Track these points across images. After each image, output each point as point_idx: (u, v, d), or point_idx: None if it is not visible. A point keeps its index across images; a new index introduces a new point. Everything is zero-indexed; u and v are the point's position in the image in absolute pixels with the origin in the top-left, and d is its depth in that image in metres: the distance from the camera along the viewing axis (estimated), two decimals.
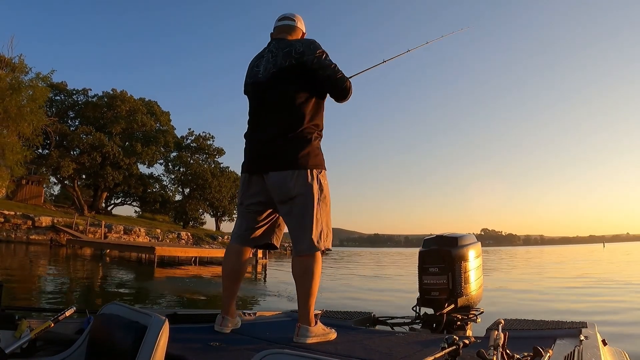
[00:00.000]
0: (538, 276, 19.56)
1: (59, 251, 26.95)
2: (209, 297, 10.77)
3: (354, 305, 7.83)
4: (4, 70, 31.73)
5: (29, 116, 29.60)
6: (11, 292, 9.73)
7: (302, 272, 2.77)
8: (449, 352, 1.67)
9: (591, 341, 2.58)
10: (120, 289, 11.88)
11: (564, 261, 35.44)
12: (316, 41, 2.94)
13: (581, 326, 2.98)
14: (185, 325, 3.03)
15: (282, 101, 2.84)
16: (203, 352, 2.36)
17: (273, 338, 2.81)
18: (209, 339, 2.61)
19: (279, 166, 2.78)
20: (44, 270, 15.55)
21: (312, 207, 2.75)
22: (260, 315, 3.64)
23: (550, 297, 11.37)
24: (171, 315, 3.05)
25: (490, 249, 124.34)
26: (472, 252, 3.98)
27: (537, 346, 1.91)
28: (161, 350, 1.66)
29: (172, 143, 48.10)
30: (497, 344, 1.74)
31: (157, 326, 1.69)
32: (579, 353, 2.24)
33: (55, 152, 38.46)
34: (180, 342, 2.39)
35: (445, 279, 3.81)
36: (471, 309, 3.91)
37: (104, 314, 2.06)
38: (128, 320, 1.86)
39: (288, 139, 2.78)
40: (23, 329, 2.10)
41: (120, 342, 1.78)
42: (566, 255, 47.90)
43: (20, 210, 33.36)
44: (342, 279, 17.90)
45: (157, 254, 19.18)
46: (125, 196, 50.68)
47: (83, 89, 45.61)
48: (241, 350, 2.44)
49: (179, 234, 39.28)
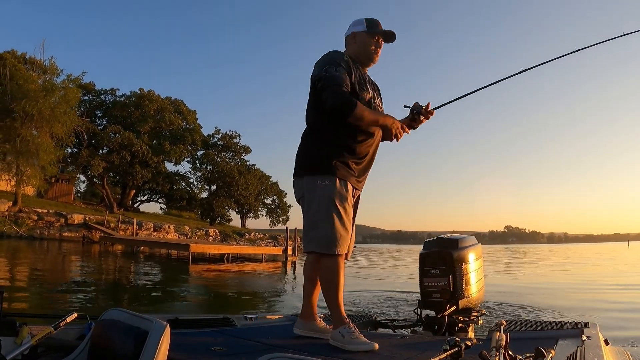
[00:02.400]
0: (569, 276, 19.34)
1: (91, 248, 27.52)
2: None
3: (356, 309, 7.91)
4: (36, 72, 32.57)
5: (62, 117, 30.34)
6: (72, 291, 10.06)
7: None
8: (451, 354, 1.70)
9: (593, 341, 2.59)
10: (196, 295, 11.39)
11: (590, 260, 35.03)
12: (328, 54, 2.90)
13: (583, 326, 2.99)
14: (186, 330, 3.05)
15: None
16: (205, 357, 2.37)
17: (274, 342, 2.81)
18: (210, 344, 2.63)
19: None
20: (90, 269, 15.87)
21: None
22: (261, 319, 3.65)
23: (554, 297, 11.19)
24: (172, 320, 3.08)
25: (513, 247, 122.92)
26: (473, 254, 3.99)
27: (539, 347, 1.94)
28: (162, 355, 1.65)
29: (199, 141, 48.73)
30: (499, 345, 1.74)
31: (159, 331, 1.69)
32: (581, 353, 2.27)
33: (85, 151, 39.26)
34: (181, 348, 2.41)
35: (446, 280, 3.81)
36: (472, 310, 3.92)
37: (105, 320, 2.04)
38: (129, 326, 1.86)
39: None
40: (24, 335, 2.08)
41: (122, 347, 1.77)
42: (590, 254, 47.25)
43: (52, 208, 34.14)
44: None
45: (192, 251, 19.59)
46: (151, 193, 51.46)
47: (111, 89, 46.62)
48: (242, 355, 2.45)
49: (206, 231, 39.81)
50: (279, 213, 59.32)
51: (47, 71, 32.78)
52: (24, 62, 34.57)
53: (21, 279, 11.67)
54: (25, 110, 28.59)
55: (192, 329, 3.13)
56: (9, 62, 31.41)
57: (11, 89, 29.37)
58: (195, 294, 11.25)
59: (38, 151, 29.36)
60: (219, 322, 3.32)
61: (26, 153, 29.26)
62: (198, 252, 21.21)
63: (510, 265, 26.52)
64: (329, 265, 2.78)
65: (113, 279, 13.12)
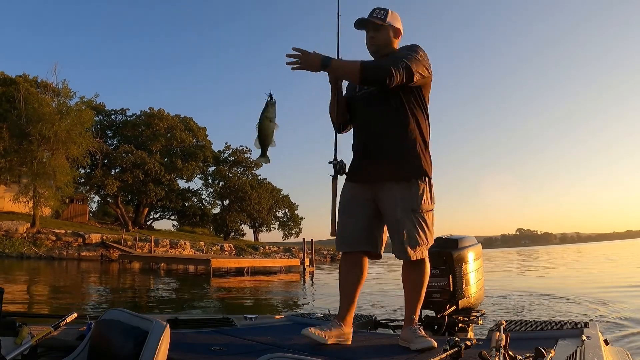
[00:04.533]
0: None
1: (110, 266, 27.78)
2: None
3: (356, 309, 7.93)
4: (48, 95, 33.18)
5: (78, 139, 30.91)
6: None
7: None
8: (451, 354, 1.71)
9: (593, 341, 2.59)
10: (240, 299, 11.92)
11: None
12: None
13: (583, 326, 2.99)
14: (186, 331, 3.06)
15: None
16: (204, 357, 2.37)
17: (274, 342, 2.81)
18: (210, 344, 2.63)
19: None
20: (119, 284, 16.20)
21: None
22: (261, 320, 3.64)
23: (554, 297, 11.12)
24: (172, 320, 3.10)
25: (526, 249, 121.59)
26: (472, 254, 3.98)
27: (539, 347, 1.94)
28: (162, 355, 1.65)
29: (210, 157, 49.17)
30: (499, 345, 1.74)
31: (159, 332, 1.68)
32: (581, 353, 2.27)
33: (99, 171, 39.78)
34: (181, 348, 2.41)
35: (446, 280, 3.80)
36: (472, 310, 3.92)
37: (105, 320, 2.04)
38: (129, 326, 1.86)
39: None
40: (24, 336, 2.09)
41: (122, 348, 1.77)
42: (605, 254, 46.92)
43: (69, 228, 34.55)
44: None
45: (213, 266, 19.87)
46: (164, 210, 51.84)
47: (121, 109, 47.20)
48: (242, 355, 2.45)
49: (221, 246, 40.03)
50: (291, 225, 59.49)
51: (61, 94, 33.42)
52: (36, 85, 35.24)
53: (58, 295, 11.99)
54: (42, 133, 29.19)
55: (192, 329, 3.15)
56: (22, 86, 32.09)
57: (27, 112, 29.96)
58: (236, 299, 11.64)
59: (55, 173, 29.88)
60: (218, 322, 3.33)
61: (43, 175, 29.77)
62: (220, 266, 21.50)
63: (523, 268, 26.55)
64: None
65: (146, 293, 13.49)
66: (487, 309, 4.01)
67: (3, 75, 35.98)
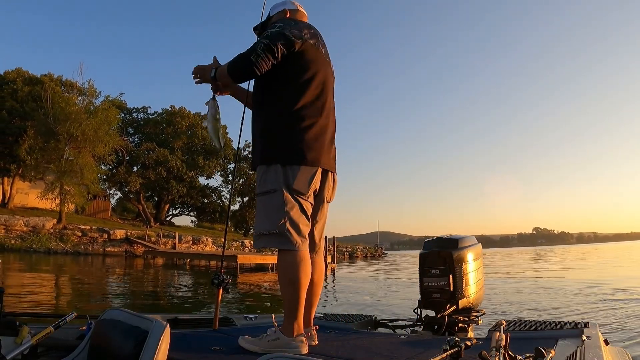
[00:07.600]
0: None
1: (134, 262, 28.30)
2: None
3: (356, 309, 8.01)
4: (73, 94, 33.86)
5: (105, 137, 31.68)
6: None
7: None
8: (450, 354, 1.70)
9: (593, 341, 2.60)
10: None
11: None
12: None
13: (583, 326, 2.99)
14: (186, 330, 3.05)
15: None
16: (204, 357, 2.36)
17: None
18: (210, 344, 2.62)
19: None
20: (151, 280, 16.63)
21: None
22: (261, 319, 3.63)
23: (555, 297, 11.31)
24: (172, 320, 3.11)
25: (543, 249, 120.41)
26: (472, 254, 3.99)
27: (539, 347, 1.94)
28: (162, 355, 1.65)
29: (230, 155, 49.65)
30: (499, 345, 1.73)
31: (159, 331, 1.68)
32: (581, 353, 2.28)
33: (122, 168, 40.54)
34: (181, 347, 2.42)
35: (446, 280, 3.81)
36: (472, 310, 3.92)
37: (105, 320, 2.03)
38: (129, 326, 1.85)
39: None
40: (24, 335, 2.08)
41: (122, 347, 1.77)
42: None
43: (93, 224, 35.24)
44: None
45: (239, 262, 20.34)
46: (183, 207, 52.47)
47: (143, 107, 48.03)
48: (242, 355, 2.44)
49: (242, 242, 40.50)
50: None
51: (87, 93, 34.14)
52: (61, 84, 36.00)
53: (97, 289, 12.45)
54: (70, 132, 29.98)
55: (192, 329, 3.16)
56: (47, 85, 32.84)
57: (54, 111, 30.70)
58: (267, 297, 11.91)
59: (82, 170, 30.62)
60: (219, 322, 3.30)
61: (70, 172, 30.50)
62: (246, 262, 21.89)
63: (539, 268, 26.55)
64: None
65: (177, 290, 13.87)
66: (487, 309, 4.06)
67: (29, 75, 36.82)
